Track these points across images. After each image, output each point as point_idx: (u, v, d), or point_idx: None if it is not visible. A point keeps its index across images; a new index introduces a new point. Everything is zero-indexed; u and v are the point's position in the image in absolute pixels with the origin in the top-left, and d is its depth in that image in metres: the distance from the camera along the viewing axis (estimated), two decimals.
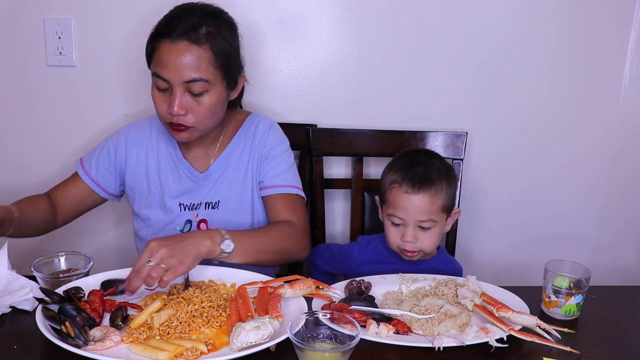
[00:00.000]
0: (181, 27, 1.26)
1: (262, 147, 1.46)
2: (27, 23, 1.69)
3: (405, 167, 1.37)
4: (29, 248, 1.70)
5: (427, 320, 1.08)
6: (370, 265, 1.41)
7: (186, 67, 1.26)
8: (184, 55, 1.26)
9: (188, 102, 1.29)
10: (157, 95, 1.32)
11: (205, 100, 1.30)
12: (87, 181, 1.46)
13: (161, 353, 0.94)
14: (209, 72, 1.28)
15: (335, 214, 1.88)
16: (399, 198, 1.35)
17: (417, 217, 1.34)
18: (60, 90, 1.76)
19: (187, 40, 1.26)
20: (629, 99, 1.85)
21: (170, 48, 1.26)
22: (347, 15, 1.73)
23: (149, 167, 1.46)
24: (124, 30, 1.71)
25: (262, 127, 1.47)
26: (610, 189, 1.93)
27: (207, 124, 1.35)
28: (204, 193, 1.44)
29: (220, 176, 1.45)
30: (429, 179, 1.34)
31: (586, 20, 1.76)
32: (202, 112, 1.31)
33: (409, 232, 1.35)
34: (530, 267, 1.65)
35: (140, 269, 1.09)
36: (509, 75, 1.80)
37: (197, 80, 1.27)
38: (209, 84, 1.29)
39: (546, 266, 1.20)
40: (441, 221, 1.37)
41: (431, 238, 1.36)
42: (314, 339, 0.97)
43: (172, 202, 1.44)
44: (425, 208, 1.33)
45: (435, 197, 1.34)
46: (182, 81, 1.27)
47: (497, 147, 1.87)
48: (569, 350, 1.04)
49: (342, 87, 1.79)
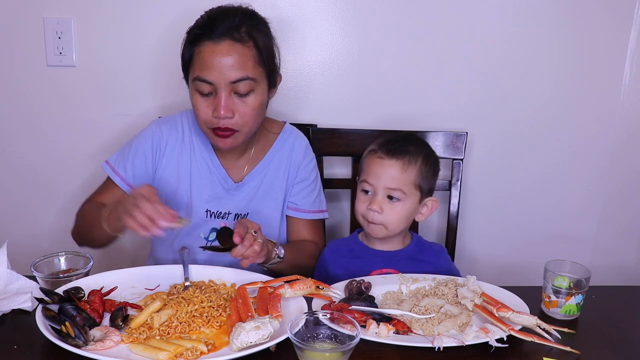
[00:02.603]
0: (222, 27, 1.25)
1: (297, 169, 1.47)
2: (27, 23, 1.69)
3: (387, 138, 1.37)
4: (29, 248, 1.70)
5: (427, 320, 1.08)
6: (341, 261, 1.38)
7: (232, 67, 1.24)
8: (228, 54, 1.24)
9: (234, 103, 1.28)
10: (199, 101, 1.29)
11: (251, 100, 1.29)
12: (124, 188, 1.40)
13: (161, 353, 0.94)
14: (255, 71, 1.27)
15: (335, 214, 1.88)
16: (372, 163, 1.34)
17: (387, 183, 1.31)
18: (60, 90, 1.76)
19: (230, 39, 1.24)
20: (629, 99, 1.85)
21: (213, 49, 1.24)
22: (347, 15, 1.73)
23: (180, 169, 1.42)
24: (124, 30, 1.71)
25: (298, 149, 1.48)
26: (610, 188, 1.94)
27: (251, 126, 1.33)
28: (234, 203, 1.43)
29: (253, 189, 1.44)
30: (405, 149, 1.32)
31: (586, 20, 1.76)
32: (249, 113, 1.29)
33: (376, 200, 1.32)
34: (530, 267, 1.64)
35: (248, 237, 1.15)
36: (509, 75, 1.80)
37: (244, 80, 1.26)
38: (255, 83, 1.28)
39: (546, 266, 1.20)
40: (411, 197, 1.32)
41: (398, 213, 1.32)
42: (314, 339, 0.97)
43: (200, 208, 1.42)
44: (396, 175, 1.30)
45: (408, 167, 1.31)
46: (229, 82, 1.25)
47: (497, 147, 1.87)
48: (569, 350, 1.03)
49: (342, 87, 1.79)
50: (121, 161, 1.42)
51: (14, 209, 1.86)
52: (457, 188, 1.75)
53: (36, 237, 1.82)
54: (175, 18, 1.66)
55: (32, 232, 1.82)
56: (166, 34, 1.68)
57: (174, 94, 1.73)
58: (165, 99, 1.75)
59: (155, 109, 1.76)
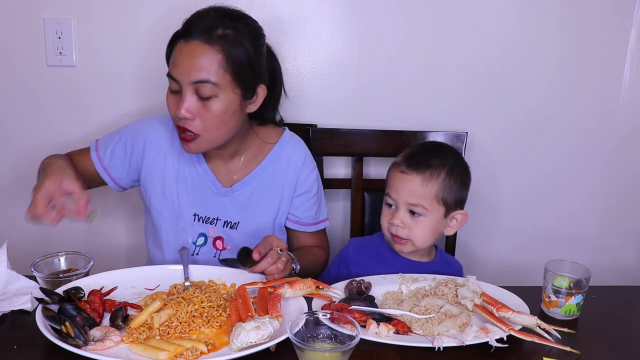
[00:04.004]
0: (197, 28, 1.24)
1: (296, 181, 1.44)
2: (27, 23, 1.69)
3: (412, 150, 1.35)
4: (29, 248, 1.70)
5: (427, 320, 1.08)
6: (368, 264, 1.37)
7: (195, 68, 1.22)
8: (194, 55, 1.22)
9: (196, 106, 1.25)
10: (169, 97, 1.28)
11: (213, 105, 1.24)
12: (98, 169, 1.42)
13: (161, 353, 0.94)
14: (218, 75, 1.23)
15: (335, 214, 1.88)
16: (394, 177, 1.32)
17: (407, 198, 1.29)
18: (61, 91, 1.75)
19: (200, 40, 1.23)
20: (629, 99, 1.85)
21: (182, 47, 1.24)
22: (347, 15, 1.73)
23: (166, 169, 1.41)
24: (124, 30, 1.70)
25: (297, 160, 1.44)
26: (610, 188, 1.94)
27: (215, 133, 1.28)
28: (223, 209, 1.40)
29: (244, 197, 1.41)
30: (426, 163, 1.30)
31: (586, 20, 1.76)
32: (210, 119, 1.25)
33: (398, 215, 1.30)
34: (530, 267, 1.65)
35: (273, 254, 1.16)
36: (509, 75, 1.80)
37: (205, 82, 1.22)
38: (218, 88, 1.23)
39: (546, 266, 1.21)
40: (434, 212, 1.30)
41: (422, 229, 1.30)
42: (314, 339, 0.97)
43: (187, 211, 1.40)
44: (415, 190, 1.28)
45: (430, 182, 1.28)
46: (190, 81, 1.22)
47: (497, 147, 1.87)
48: (569, 350, 1.04)
49: (342, 87, 1.79)
50: (105, 144, 1.43)
51: (14, 208, 1.86)
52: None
53: (36, 237, 1.82)
54: (175, 18, 1.65)
55: (32, 232, 1.82)
56: (166, 34, 1.67)
57: None
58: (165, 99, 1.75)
59: (155, 108, 1.75)
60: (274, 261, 1.16)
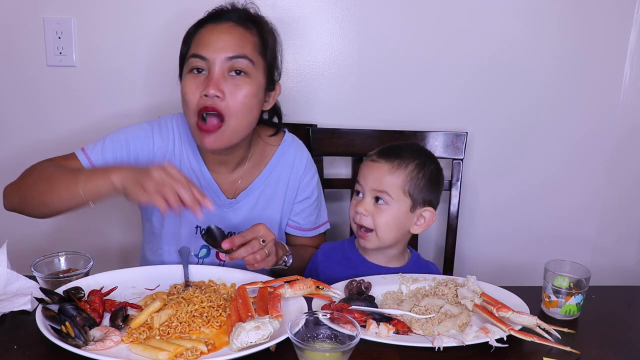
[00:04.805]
0: (230, 14, 1.24)
1: (298, 187, 1.43)
2: (27, 23, 1.69)
3: (389, 144, 1.36)
4: (29, 248, 1.70)
5: (427, 320, 1.08)
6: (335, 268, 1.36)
7: (230, 43, 1.20)
8: (230, 33, 1.21)
9: (227, 84, 1.21)
10: (190, 82, 1.22)
11: (245, 83, 1.21)
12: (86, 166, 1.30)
13: (161, 353, 0.94)
14: (254, 55, 1.22)
15: (335, 214, 1.88)
16: (365, 166, 1.32)
17: (373, 184, 1.28)
18: (61, 91, 1.76)
19: (234, 22, 1.22)
20: (629, 99, 1.85)
21: (214, 28, 1.22)
22: (347, 15, 1.73)
23: None
24: (124, 30, 1.71)
25: (299, 165, 1.43)
26: (610, 188, 1.94)
27: (240, 120, 1.23)
28: (227, 221, 1.36)
29: (248, 207, 1.39)
30: (397, 154, 1.29)
31: (586, 20, 1.76)
32: (239, 100, 1.21)
33: (364, 201, 1.29)
34: (530, 267, 1.65)
35: (254, 244, 1.14)
36: (509, 75, 1.80)
37: (241, 57, 1.20)
38: (253, 66, 1.22)
39: (546, 266, 1.20)
40: (400, 203, 1.27)
41: (385, 217, 1.27)
42: (314, 339, 0.97)
43: (189, 224, 1.36)
44: (382, 177, 1.27)
45: (397, 170, 1.27)
46: (225, 57, 1.19)
47: (497, 147, 1.87)
48: (569, 350, 1.04)
49: (342, 87, 1.79)
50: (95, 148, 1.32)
51: None
52: (457, 188, 1.75)
53: (36, 237, 1.82)
54: (175, 18, 1.66)
55: (32, 232, 1.82)
56: (166, 34, 1.68)
57: (174, 94, 1.71)
58: (165, 99, 1.75)
59: (154, 108, 1.76)
60: (253, 251, 1.15)
